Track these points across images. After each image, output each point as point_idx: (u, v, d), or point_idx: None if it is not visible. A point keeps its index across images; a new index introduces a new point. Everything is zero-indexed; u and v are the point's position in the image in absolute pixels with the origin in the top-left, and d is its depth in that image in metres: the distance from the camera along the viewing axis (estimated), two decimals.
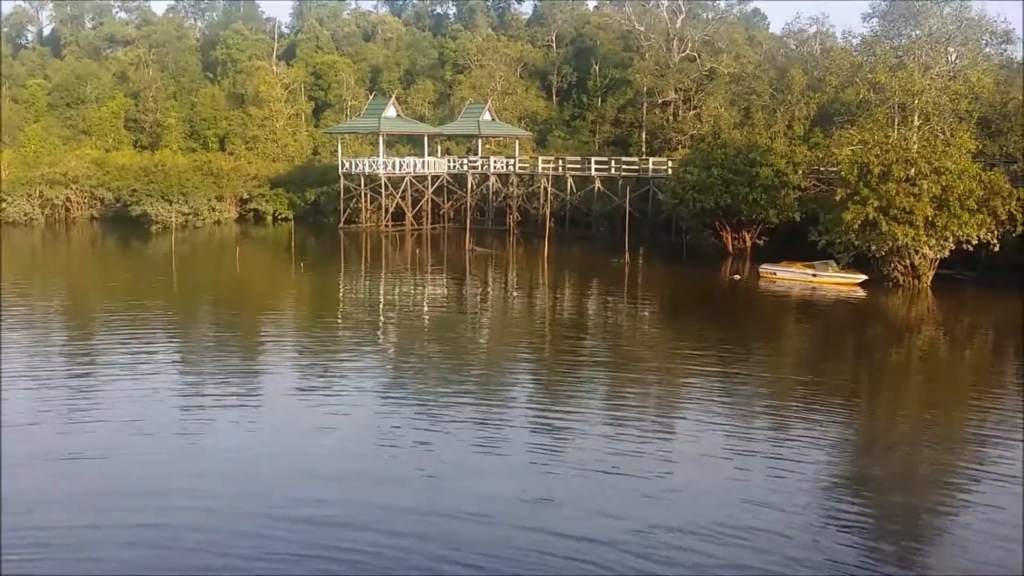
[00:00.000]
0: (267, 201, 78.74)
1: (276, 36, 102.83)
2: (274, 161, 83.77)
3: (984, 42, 52.61)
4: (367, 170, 70.85)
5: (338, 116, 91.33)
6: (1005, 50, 59.81)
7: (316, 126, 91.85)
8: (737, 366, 29.71)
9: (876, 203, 42.04)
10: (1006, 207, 42.01)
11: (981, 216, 41.97)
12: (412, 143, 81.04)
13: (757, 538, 16.02)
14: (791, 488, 18.49)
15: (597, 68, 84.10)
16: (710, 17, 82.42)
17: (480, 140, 77.69)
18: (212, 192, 75.85)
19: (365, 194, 71.54)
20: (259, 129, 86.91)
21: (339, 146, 75.77)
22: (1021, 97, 54.74)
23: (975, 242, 42.34)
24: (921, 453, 21.46)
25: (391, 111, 72.88)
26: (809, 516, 17.18)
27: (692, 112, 73.65)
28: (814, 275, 45.68)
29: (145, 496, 17.78)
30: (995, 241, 42.50)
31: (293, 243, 60.77)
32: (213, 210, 75.80)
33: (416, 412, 23.75)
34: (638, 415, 23.81)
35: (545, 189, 69.04)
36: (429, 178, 72.75)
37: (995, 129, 53.62)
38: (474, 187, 73.25)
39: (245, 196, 78.90)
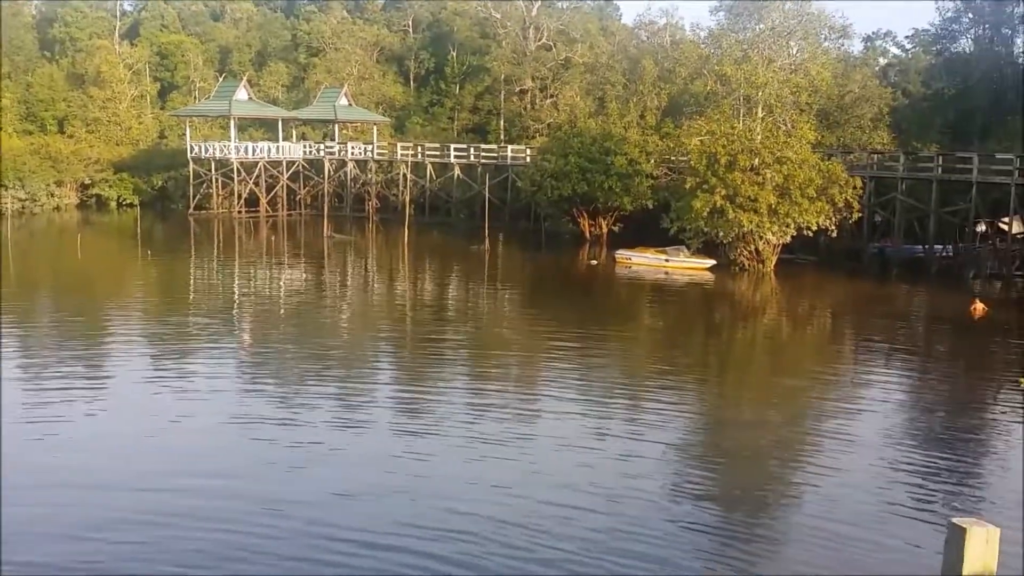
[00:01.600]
0: (110, 186, 75.47)
1: (118, 14, 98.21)
2: (117, 144, 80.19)
3: (823, 36, 55.42)
4: (218, 154, 68.80)
5: (186, 98, 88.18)
6: (842, 45, 63.12)
7: (162, 108, 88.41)
8: (595, 348, 30.46)
9: (723, 191, 43.70)
10: (843, 195, 44.37)
11: (820, 204, 44.21)
12: (265, 127, 79.12)
13: (616, 515, 16.44)
14: (649, 464, 19.07)
15: (455, 55, 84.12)
16: (565, 7, 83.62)
17: (337, 125, 76.55)
18: (50, 177, 72.08)
19: (216, 179, 69.47)
20: (101, 111, 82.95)
21: (187, 129, 73.20)
22: (857, 90, 58.00)
23: (815, 228, 44.59)
24: (768, 425, 22.53)
25: (242, 94, 70.97)
26: (665, 490, 17.78)
27: (549, 100, 74.61)
28: (667, 260, 47.17)
29: None
30: (833, 227, 44.90)
31: (139, 230, 58.48)
32: (52, 196, 72.08)
33: (276, 399, 23.33)
34: (499, 398, 24.08)
35: (404, 176, 68.70)
36: (284, 163, 71.24)
37: (833, 121, 56.63)
38: (331, 173, 72.18)
39: (87, 181, 75.36)
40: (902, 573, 14.38)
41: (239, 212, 68.45)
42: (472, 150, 67.49)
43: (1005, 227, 45.46)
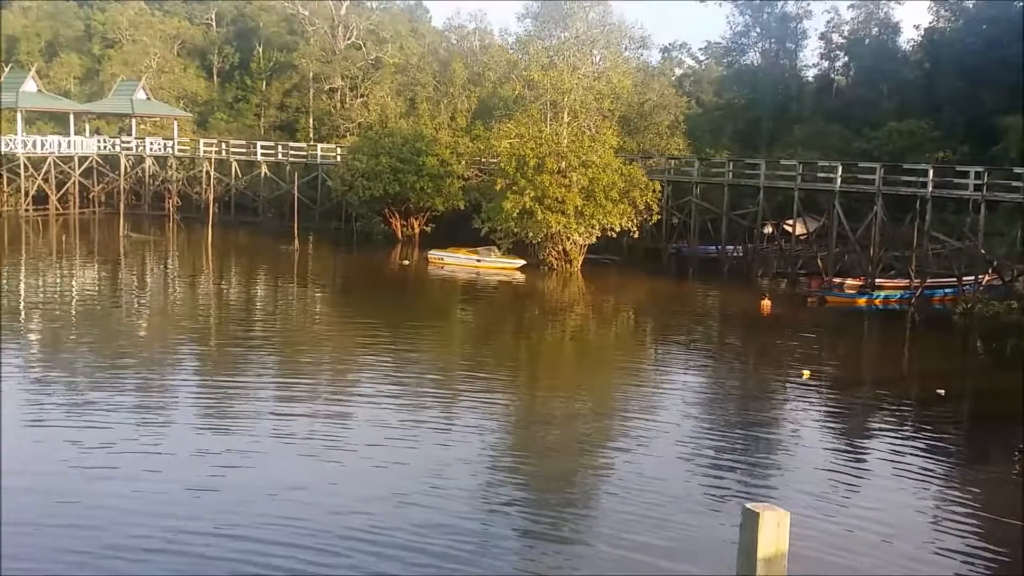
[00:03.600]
0: None
1: None
2: None
3: (624, 46, 57.66)
4: (3, 149, 64.09)
5: None
6: (642, 55, 65.92)
7: None
8: (407, 346, 30.53)
9: (532, 193, 44.71)
10: (644, 198, 46.33)
11: (623, 206, 45.98)
12: (56, 121, 74.26)
13: (428, 512, 16.55)
14: (461, 460, 19.33)
15: (261, 50, 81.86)
16: (374, 6, 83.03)
17: (134, 120, 72.93)
18: None
19: (0, 175, 64.71)
20: None
21: None
22: (655, 98, 60.70)
23: (618, 229, 46.37)
24: (576, 420, 23.31)
25: (30, 85, 66.46)
26: (476, 487, 18.08)
27: (359, 100, 73.90)
28: (478, 260, 47.81)
29: None
30: (635, 229, 46.85)
31: None
32: None
33: (67, 408, 22.02)
34: (308, 398, 23.75)
35: (208, 173, 66.29)
36: (76, 159, 67.15)
37: (633, 127, 58.99)
38: (128, 169, 68.72)
39: None
40: (703, 557, 15.26)
41: (26, 210, 64.03)
42: (280, 148, 65.96)
43: (789, 229, 48.85)
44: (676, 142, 59.39)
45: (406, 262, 50.46)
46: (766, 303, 39.12)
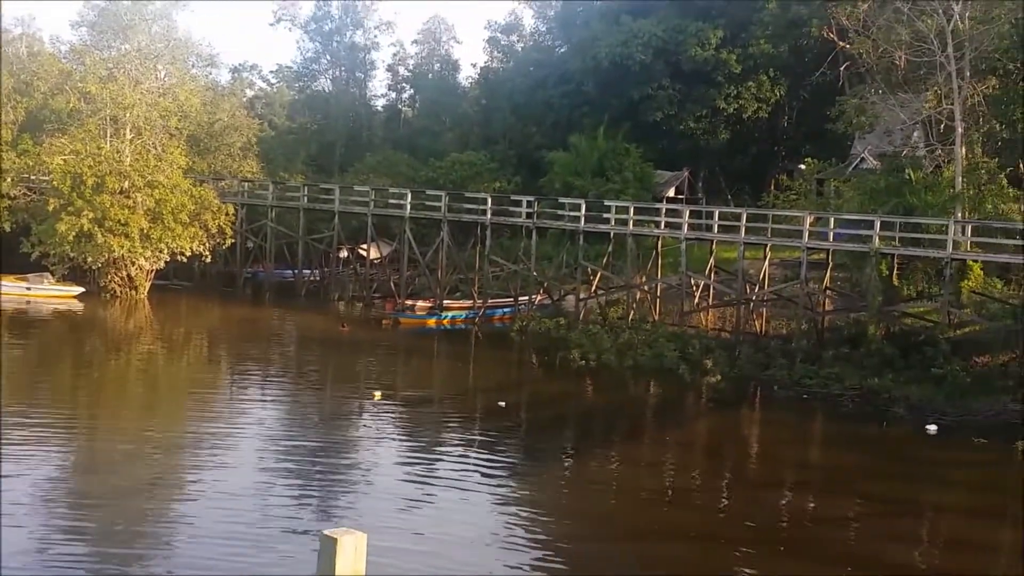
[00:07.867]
0: None
1: None
2: None
3: (191, 63, 55.75)
4: None
5: None
6: (210, 73, 64.14)
7: None
8: None
9: (91, 214, 41.71)
10: (216, 221, 45.06)
11: (193, 229, 44.37)
12: None
13: None
14: (16, 505, 17.29)
15: None
16: None
17: None
18: None
19: None
20: None
21: None
22: (226, 119, 59.34)
23: (189, 253, 44.58)
24: (145, 457, 21.84)
25: None
26: (35, 535, 16.30)
27: None
28: (28, 288, 43.39)
29: None
30: (207, 253, 45.38)
31: None
32: None
33: None
34: None
35: None
36: None
37: (204, 147, 57.18)
38: None
39: None
40: None
41: None
42: None
43: (364, 253, 50.13)
44: (249, 164, 58.50)
45: None
46: (344, 327, 39.71)
